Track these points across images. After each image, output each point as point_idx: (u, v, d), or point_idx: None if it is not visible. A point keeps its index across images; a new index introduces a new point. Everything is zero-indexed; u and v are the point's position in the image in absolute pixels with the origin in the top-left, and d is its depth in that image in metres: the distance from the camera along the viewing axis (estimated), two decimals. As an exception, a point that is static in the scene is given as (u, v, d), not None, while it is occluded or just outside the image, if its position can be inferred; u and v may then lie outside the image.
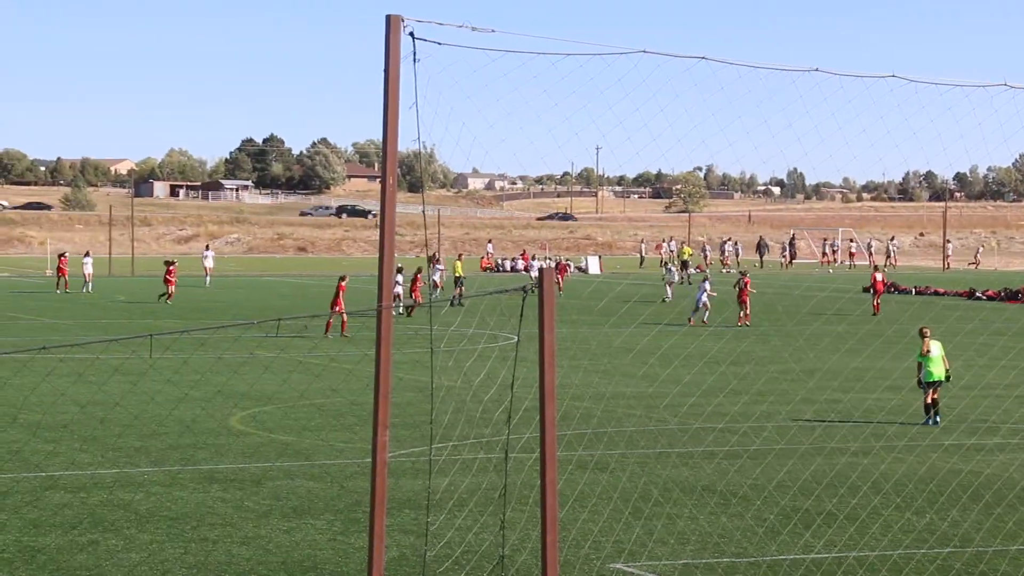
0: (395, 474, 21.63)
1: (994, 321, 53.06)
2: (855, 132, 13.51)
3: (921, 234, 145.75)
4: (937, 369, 28.06)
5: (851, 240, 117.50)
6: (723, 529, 19.13)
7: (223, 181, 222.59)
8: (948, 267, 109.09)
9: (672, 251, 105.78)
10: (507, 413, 18.68)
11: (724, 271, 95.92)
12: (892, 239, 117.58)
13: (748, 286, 53.11)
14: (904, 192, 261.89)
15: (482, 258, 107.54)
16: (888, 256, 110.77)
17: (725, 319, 52.43)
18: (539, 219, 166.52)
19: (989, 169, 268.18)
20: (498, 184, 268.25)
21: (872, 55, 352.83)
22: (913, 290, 75.18)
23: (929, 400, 28.27)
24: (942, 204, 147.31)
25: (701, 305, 52.55)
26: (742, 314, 52.81)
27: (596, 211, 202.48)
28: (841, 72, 12.83)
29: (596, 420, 28.28)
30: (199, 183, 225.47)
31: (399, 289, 55.13)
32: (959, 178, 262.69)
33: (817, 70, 12.73)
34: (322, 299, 64.64)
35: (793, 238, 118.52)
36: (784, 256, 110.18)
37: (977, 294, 71.39)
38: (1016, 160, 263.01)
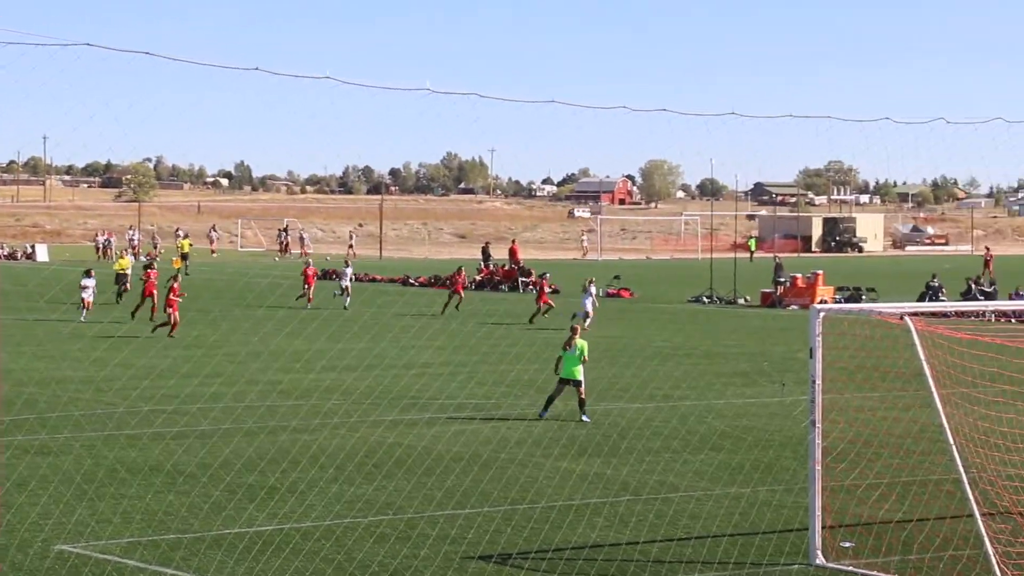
0: None
1: (429, 305, 54.82)
2: (296, 128, 13.48)
3: (360, 225, 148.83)
4: (575, 367, 26.75)
5: (283, 230, 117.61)
6: (169, 506, 18.70)
7: None
8: (380, 256, 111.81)
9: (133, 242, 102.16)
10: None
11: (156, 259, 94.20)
12: (303, 230, 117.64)
13: (545, 287, 50.56)
14: (344, 185, 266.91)
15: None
16: (303, 245, 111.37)
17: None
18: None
19: (420, 165, 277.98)
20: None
21: (314, 56, 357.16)
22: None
23: (556, 397, 26.92)
24: (379, 197, 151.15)
25: (585, 313, 46.35)
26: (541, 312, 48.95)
27: (44, 200, 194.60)
28: (279, 72, 12.71)
29: (41, 406, 27.03)
30: None
31: (88, 295, 46.56)
32: (393, 173, 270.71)
33: (258, 69, 12.55)
34: None
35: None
36: (280, 244, 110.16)
37: (410, 280, 73.52)
38: (444, 157, 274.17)
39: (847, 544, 16.95)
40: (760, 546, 17.13)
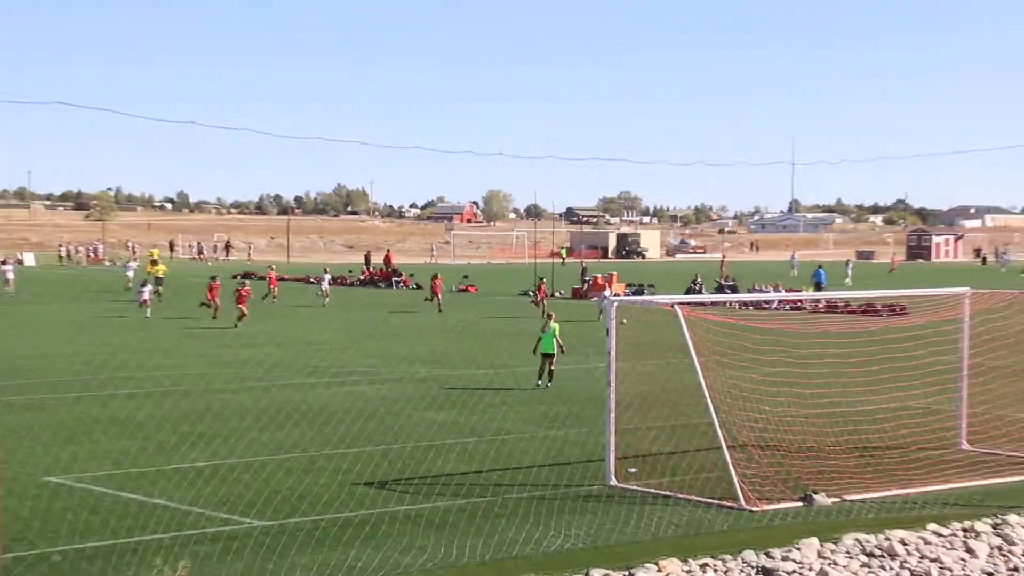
0: None
1: (325, 297, 53.87)
2: (222, 163, 13.07)
3: (272, 238, 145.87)
4: (549, 344, 26.03)
5: (199, 243, 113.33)
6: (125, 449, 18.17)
7: None
8: (288, 261, 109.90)
9: None
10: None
11: None
12: (200, 242, 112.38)
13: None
14: (259, 208, 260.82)
15: None
16: (200, 253, 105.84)
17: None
18: None
19: (318, 193, 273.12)
20: None
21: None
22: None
23: (545, 369, 25.93)
24: (285, 217, 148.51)
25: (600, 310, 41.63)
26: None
27: (29, 219, 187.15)
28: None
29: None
30: None
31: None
32: (297, 199, 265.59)
33: (192, 123, 12.11)
34: None
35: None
36: None
37: (310, 279, 72.31)
38: (335, 188, 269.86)
39: (632, 470, 17.22)
40: (570, 473, 17.31)
